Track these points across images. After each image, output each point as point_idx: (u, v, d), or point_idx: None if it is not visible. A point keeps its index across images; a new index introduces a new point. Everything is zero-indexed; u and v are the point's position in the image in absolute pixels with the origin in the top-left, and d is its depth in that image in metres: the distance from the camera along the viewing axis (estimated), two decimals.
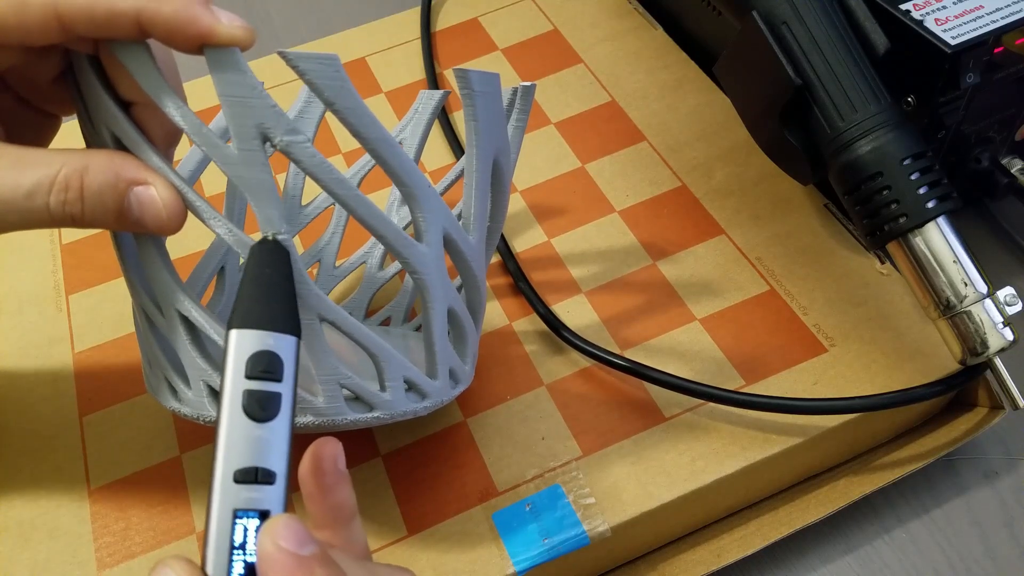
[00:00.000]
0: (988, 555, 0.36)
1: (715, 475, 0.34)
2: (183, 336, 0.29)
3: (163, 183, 0.26)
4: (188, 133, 0.25)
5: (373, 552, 0.34)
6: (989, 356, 0.33)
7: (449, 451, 0.36)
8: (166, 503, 0.36)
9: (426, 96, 0.40)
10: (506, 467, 0.36)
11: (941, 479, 0.38)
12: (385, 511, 0.35)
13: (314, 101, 0.38)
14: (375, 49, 0.55)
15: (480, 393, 0.38)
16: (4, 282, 0.45)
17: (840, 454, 0.38)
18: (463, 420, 0.37)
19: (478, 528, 0.34)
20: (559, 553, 0.33)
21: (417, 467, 0.36)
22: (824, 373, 0.37)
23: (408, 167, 0.27)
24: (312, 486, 0.25)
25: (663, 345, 0.39)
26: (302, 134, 0.25)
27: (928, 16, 0.37)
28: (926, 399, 0.35)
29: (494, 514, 0.34)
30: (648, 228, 0.43)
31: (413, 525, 0.35)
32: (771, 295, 0.40)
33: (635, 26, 0.54)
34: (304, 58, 0.24)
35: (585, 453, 0.36)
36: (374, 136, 0.26)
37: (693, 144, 0.47)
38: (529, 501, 0.34)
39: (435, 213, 0.28)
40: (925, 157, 0.33)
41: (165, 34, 0.24)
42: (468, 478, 0.36)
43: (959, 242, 0.33)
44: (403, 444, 0.37)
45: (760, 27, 0.36)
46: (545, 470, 0.35)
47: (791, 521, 0.36)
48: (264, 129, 0.24)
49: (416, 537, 0.34)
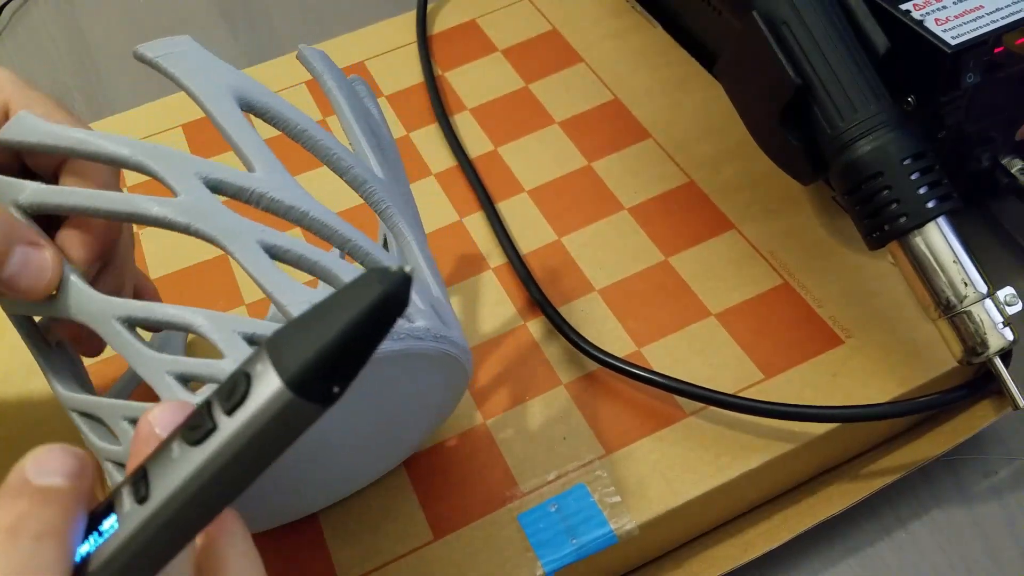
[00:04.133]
0: (989, 555, 0.36)
1: (740, 470, 0.34)
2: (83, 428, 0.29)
3: (53, 251, 0.28)
4: None
5: (400, 558, 0.34)
6: (989, 356, 0.33)
7: (470, 454, 0.36)
8: None
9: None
10: (529, 468, 0.35)
11: (941, 479, 0.38)
12: (409, 516, 0.35)
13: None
14: (375, 53, 0.55)
15: (498, 395, 0.38)
16: None
17: (860, 446, 0.38)
18: (483, 422, 0.37)
19: (504, 530, 0.34)
20: (587, 553, 0.33)
21: (438, 471, 0.36)
22: (843, 365, 0.37)
23: (130, 145, 0.27)
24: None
25: (680, 341, 0.39)
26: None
27: (928, 16, 0.37)
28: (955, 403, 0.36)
29: (519, 515, 0.34)
30: (658, 225, 0.43)
31: (438, 529, 0.34)
32: (785, 288, 0.40)
33: (634, 24, 0.54)
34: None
35: (608, 452, 0.36)
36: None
37: (700, 140, 0.47)
38: (554, 502, 0.34)
39: (175, 166, 0.27)
40: (925, 157, 0.34)
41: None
42: (491, 480, 0.35)
43: (959, 242, 0.33)
44: (423, 448, 0.37)
45: (760, 27, 0.36)
46: (568, 470, 0.35)
47: (815, 512, 0.36)
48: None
49: (442, 541, 0.34)
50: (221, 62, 0.29)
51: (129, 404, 0.27)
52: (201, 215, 0.26)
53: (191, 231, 0.26)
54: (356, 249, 0.28)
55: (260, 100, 0.29)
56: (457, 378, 0.32)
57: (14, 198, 0.28)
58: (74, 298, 0.27)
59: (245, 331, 0.26)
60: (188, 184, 0.27)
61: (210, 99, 0.28)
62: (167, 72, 0.29)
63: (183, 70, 0.28)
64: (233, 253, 0.26)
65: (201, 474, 0.19)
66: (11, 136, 0.28)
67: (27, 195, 0.28)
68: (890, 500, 0.37)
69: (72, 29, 0.67)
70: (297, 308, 0.26)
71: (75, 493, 0.20)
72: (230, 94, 0.29)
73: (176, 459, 0.19)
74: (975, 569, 0.35)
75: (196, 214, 0.26)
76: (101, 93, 0.62)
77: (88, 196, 0.27)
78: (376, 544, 0.34)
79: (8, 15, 0.69)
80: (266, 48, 0.63)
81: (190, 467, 0.19)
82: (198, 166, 0.27)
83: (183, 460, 0.19)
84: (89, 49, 0.65)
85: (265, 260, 0.27)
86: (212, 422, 0.19)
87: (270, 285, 0.26)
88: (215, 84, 0.29)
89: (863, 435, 0.37)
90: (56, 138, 0.27)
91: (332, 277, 0.27)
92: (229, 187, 0.27)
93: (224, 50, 0.63)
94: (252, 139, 0.28)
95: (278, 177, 0.28)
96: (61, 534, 0.20)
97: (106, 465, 0.29)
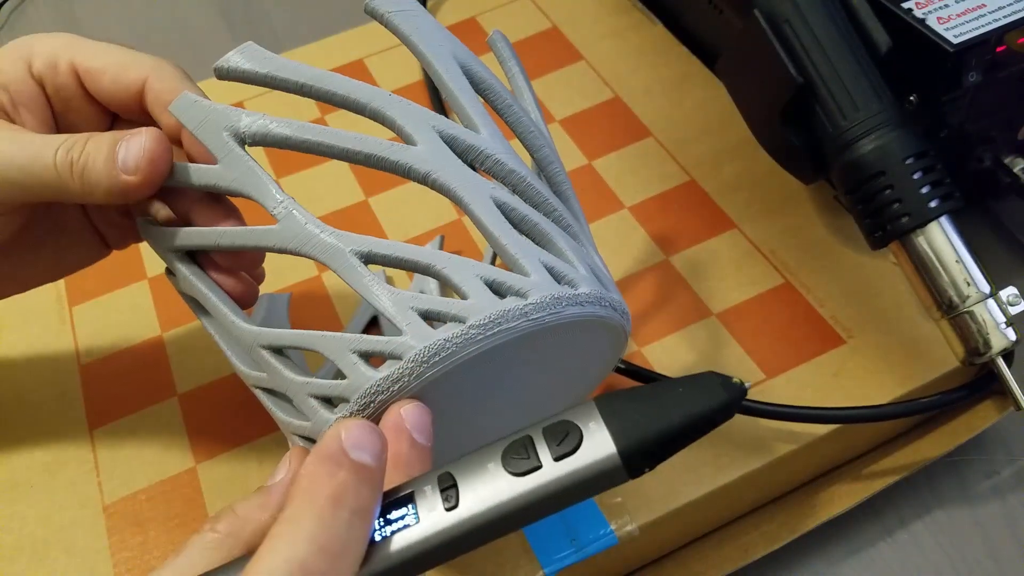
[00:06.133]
0: (990, 556, 0.36)
1: (741, 470, 0.34)
2: (274, 365, 0.27)
3: (153, 134, 0.28)
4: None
5: None
6: (992, 356, 0.33)
7: None
8: (183, 515, 0.36)
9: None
10: None
11: (943, 479, 0.38)
12: None
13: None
14: (374, 50, 0.55)
15: None
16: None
17: (861, 446, 0.38)
18: None
19: None
20: (588, 554, 0.33)
21: None
22: (844, 365, 0.37)
23: (369, 91, 0.27)
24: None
25: (681, 341, 0.39)
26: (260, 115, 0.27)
27: (930, 15, 0.37)
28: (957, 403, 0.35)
29: None
30: (659, 224, 0.43)
31: None
32: (787, 288, 0.40)
33: (635, 22, 0.54)
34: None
35: None
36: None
37: (700, 139, 0.47)
38: None
39: (412, 115, 0.27)
40: (927, 156, 0.33)
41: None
42: None
43: (962, 242, 0.33)
44: None
45: (762, 25, 0.36)
46: None
47: (816, 513, 0.36)
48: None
49: None
50: (443, 27, 0.29)
51: (320, 382, 0.26)
52: (439, 166, 0.27)
53: (428, 181, 0.27)
54: (559, 219, 0.29)
55: (477, 70, 0.29)
56: (617, 340, 0.31)
57: (233, 125, 0.27)
58: (297, 230, 0.26)
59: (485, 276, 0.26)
60: (426, 135, 0.27)
61: (439, 61, 0.28)
62: (398, 29, 0.28)
63: (414, 29, 0.28)
64: (468, 205, 0.27)
65: (516, 503, 0.21)
66: (235, 65, 0.28)
67: (247, 124, 0.27)
68: (892, 500, 0.37)
69: (70, 27, 0.67)
70: (530, 264, 0.26)
71: (381, 475, 0.22)
72: (455, 59, 0.29)
73: (492, 482, 0.21)
74: (977, 570, 0.35)
75: (435, 164, 0.26)
76: None
77: (323, 133, 0.27)
78: None
79: (7, 13, 0.69)
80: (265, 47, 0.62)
81: (509, 494, 0.21)
82: (433, 119, 0.27)
83: (502, 485, 0.21)
84: None
85: (498, 215, 0.27)
86: (537, 460, 0.21)
87: (504, 238, 0.26)
88: (443, 47, 0.29)
89: (865, 436, 0.37)
90: (291, 72, 0.27)
91: (548, 241, 0.28)
92: (460, 143, 0.27)
93: (224, 49, 0.63)
94: (477, 104, 0.28)
95: (501, 142, 0.28)
96: (370, 514, 0.21)
97: (293, 438, 0.28)
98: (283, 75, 0.27)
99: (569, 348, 0.29)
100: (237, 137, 0.27)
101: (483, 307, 0.25)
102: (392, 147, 0.27)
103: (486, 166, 0.28)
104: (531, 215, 0.28)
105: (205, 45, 0.64)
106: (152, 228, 0.30)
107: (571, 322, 0.27)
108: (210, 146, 0.27)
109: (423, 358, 0.25)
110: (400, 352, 0.25)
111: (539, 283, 0.26)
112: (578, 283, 0.27)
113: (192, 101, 0.28)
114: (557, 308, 0.26)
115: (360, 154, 0.27)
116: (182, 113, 0.28)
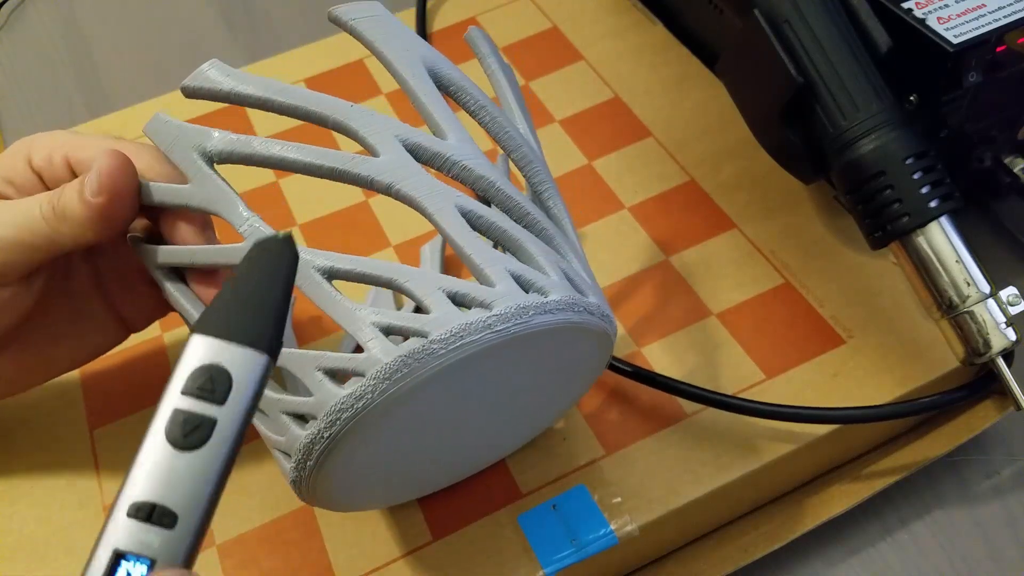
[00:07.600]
0: (991, 556, 0.36)
1: (741, 470, 0.34)
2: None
3: (105, 154, 0.29)
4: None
5: (399, 559, 0.34)
6: (992, 356, 0.33)
7: None
8: None
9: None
10: (529, 468, 0.35)
11: (943, 479, 0.38)
12: (408, 517, 0.35)
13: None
14: None
15: None
16: None
17: (861, 446, 0.38)
18: None
19: (504, 531, 0.34)
20: (588, 554, 0.33)
21: None
22: (843, 365, 0.37)
23: (331, 104, 0.27)
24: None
25: (681, 341, 0.39)
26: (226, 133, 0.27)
27: (930, 15, 0.37)
28: (957, 403, 0.35)
29: (519, 516, 0.34)
30: (659, 224, 0.43)
31: (437, 530, 0.34)
32: (787, 288, 0.40)
33: (635, 22, 0.54)
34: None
35: (608, 452, 0.35)
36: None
37: (700, 139, 0.47)
38: (554, 502, 0.34)
39: (374, 126, 0.27)
40: (927, 156, 0.33)
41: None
42: (491, 481, 0.35)
43: (962, 242, 0.33)
44: None
45: (762, 25, 0.36)
46: (568, 470, 0.35)
47: (816, 513, 0.36)
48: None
49: (441, 542, 0.34)
50: (410, 31, 0.29)
51: (290, 399, 0.26)
52: (402, 176, 0.27)
53: (392, 192, 0.27)
54: (533, 223, 0.29)
55: (446, 72, 0.29)
56: (602, 343, 0.30)
57: (201, 144, 0.28)
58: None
59: (448, 289, 0.26)
60: (389, 145, 0.27)
61: (404, 66, 0.28)
62: (362, 36, 0.28)
63: (379, 35, 0.28)
64: (432, 215, 0.27)
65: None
66: (200, 84, 0.28)
67: (214, 143, 0.27)
68: (892, 500, 0.37)
69: (70, 27, 0.67)
70: (495, 273, 0.26)
71: None
72: (422, 63, 0.29)
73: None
74: (977, 570, 0.35)
75: (398, 175, 0.27)
76: (99, 91, 0.61)
77: (286, 148, 0.27)
78: (375, 545, 0.34)
79: (6, 13, 0.69)
80: (266, 47, 0.63)
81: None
82: (396, 128, 0.27)
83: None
84: (87, 48, 0.65)
85: (462, 223, 0.27)
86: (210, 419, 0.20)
87: (468, 248, 0.26)
88: (408, 52, 0.29)
89: (865, 436, 0.37)
90: (254, 87, 0.27)
91: (518, 247, 0.28)
92: (425, 152, 0.27)
93: (224, 49, 0.63)
94: (444, 108, 0.28)
95: (469, 147, 0.28)
96: None
97: (275, 452, 0.28)
98: (245, 91, 0.27)
99: (549, 354, 0.29)
100: (206, 156, 0.27)
101: (445, 321, 0.25)
102: (355, 159, 0.27)
103: (453, 172, 0.28)
104: (500, 221, 0.27)
105: (205, 45, 0.64)
106: (140, 246, 0.30)
107: (542, 331, 0.26)
108: (181, 166, 0.28)
109: (384, 375, 0.25)
110: (363, 369, 0.25)
111: (504, 293, 0.26)
112: (548, 290, 0.27)
113: (164, 122, 0.28)
114: (523, 318, 0.26)
115: (323, 168, 0.27)
116: (155, 134, 0.28)
